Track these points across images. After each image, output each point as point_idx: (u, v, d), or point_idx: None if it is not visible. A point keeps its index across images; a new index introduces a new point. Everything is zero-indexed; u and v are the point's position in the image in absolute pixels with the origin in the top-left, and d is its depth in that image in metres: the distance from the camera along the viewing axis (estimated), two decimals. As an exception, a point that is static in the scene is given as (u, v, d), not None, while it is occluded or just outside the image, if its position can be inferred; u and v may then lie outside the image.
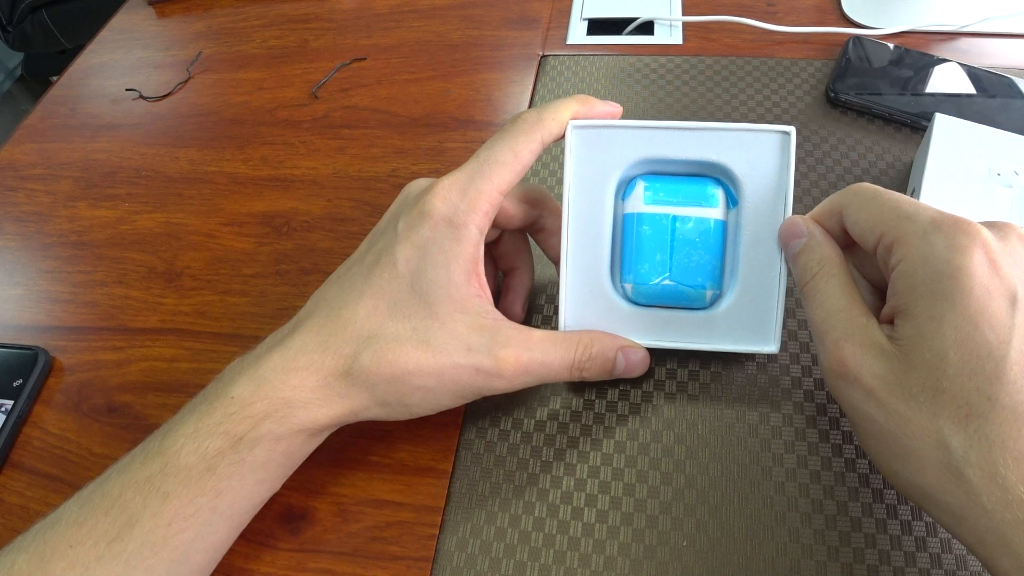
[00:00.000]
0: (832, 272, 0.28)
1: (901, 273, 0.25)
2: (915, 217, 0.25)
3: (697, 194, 0.33)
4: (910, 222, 0.25)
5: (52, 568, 0.26)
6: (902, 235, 0.25)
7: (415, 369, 0.29)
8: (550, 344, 0.31)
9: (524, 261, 0.37)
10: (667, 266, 0.33)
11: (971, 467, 0.23)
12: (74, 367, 0.40)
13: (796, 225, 0.30)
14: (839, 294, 0.27)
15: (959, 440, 0.23)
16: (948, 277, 0.23)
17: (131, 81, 0.58)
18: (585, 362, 0.31)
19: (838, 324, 0.27)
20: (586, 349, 0.31)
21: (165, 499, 0.27)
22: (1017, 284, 0.23)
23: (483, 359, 0.29)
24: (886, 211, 0.26)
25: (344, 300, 0.30)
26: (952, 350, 0.23)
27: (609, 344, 0.32)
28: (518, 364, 0.30)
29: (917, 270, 0.24)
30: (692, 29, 0.54)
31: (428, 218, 0.30)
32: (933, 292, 0.24)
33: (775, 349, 0.32)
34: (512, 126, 0.31)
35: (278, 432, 0.28)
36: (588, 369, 0.32)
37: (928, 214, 0.25)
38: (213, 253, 0.45)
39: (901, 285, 0.25)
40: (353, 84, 0.54)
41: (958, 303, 0.23)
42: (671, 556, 0.30)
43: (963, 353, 0.23)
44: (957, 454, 0.23)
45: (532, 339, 0.30)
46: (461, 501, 0.33)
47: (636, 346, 0.33)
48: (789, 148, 0.31)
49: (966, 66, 0.46)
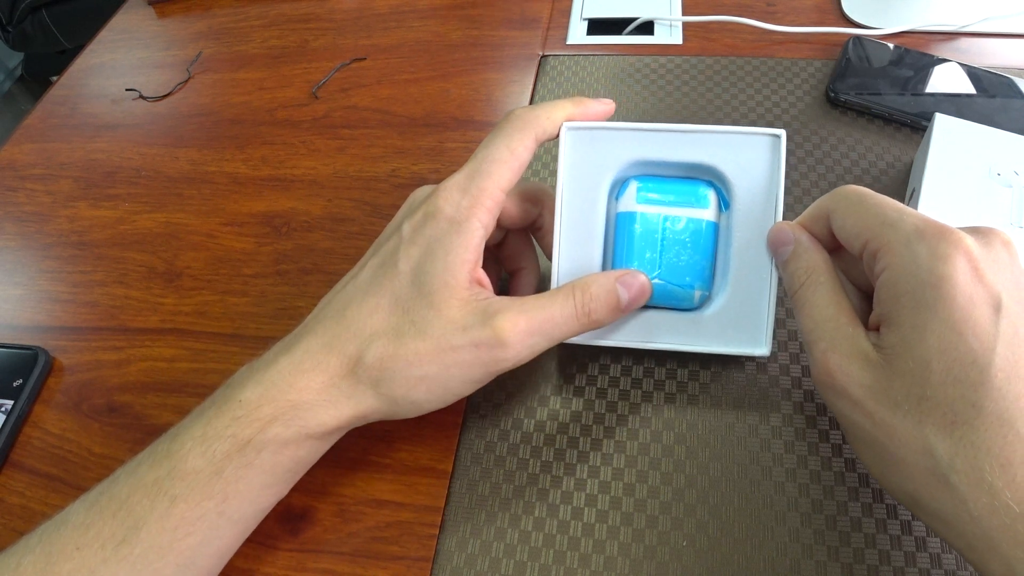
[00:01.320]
0: (819, 280, 0.28)
1: (885, 282, 0.25)
2: (898, 225, 0.25)
3: (689, 195, 0.33)
4: (893, 230, 0.25)
5: (58, 570, 0.26)
6: (886, 243, 0.25)
7: (414, 359, 0.29)
8: (546, 300, 0.30)
9: (529, 261, 0.37)
10: (657, 265, 0.33)
11: (957, 474, 0.23)
12: (74, 367, 0.40)
13: (783, 232, 0.30)
14: (826, 303, 0.27)
15: (945, 447, 0.23)
16: (931, 286, 0.23)
17: (131, 81, 0.58)
18: (589, 303, 0.30)
19: (825, 334, 0.27)
20: (584, 291, 0.30)
21: (172, 503, 0.27)
22: (1001, 291, 0.23)
23: (479, 332, 0.28)
24: (871, 217, 0.26)
25: (348, 302, 0.30)
26: (936, 358, 0.23)
27: (605, 280, 0.31)
28: (517, 328, 0.29)
29: (900, 279, 0.24)
30: (692, 29, 0.54)
31: (432, 219, 0.30)
32: (916, 301, 0.24)
33: (766, 352, 0.32)
34: (506, 123, 0.31)
35: (285, 436, 0.28)
36: (595, 311, 0.30)
37: (911, 222, 0.25)
38: (213, 253, 0.45)
39: (885, 294, 0.25)
40: (353, 84, 0.54)
41: (941, 312, 0.23)
42: (671, 556, 0.30)
43: (947, 361, 0.23)
44: (943, 461, 0.23)
45: (526, 302, 0.30)
46: (461, 501, 0.33)
47: (632, 272, 0.32)
48: (779, 151, 0.32)
49: (966, 66, 0.46)
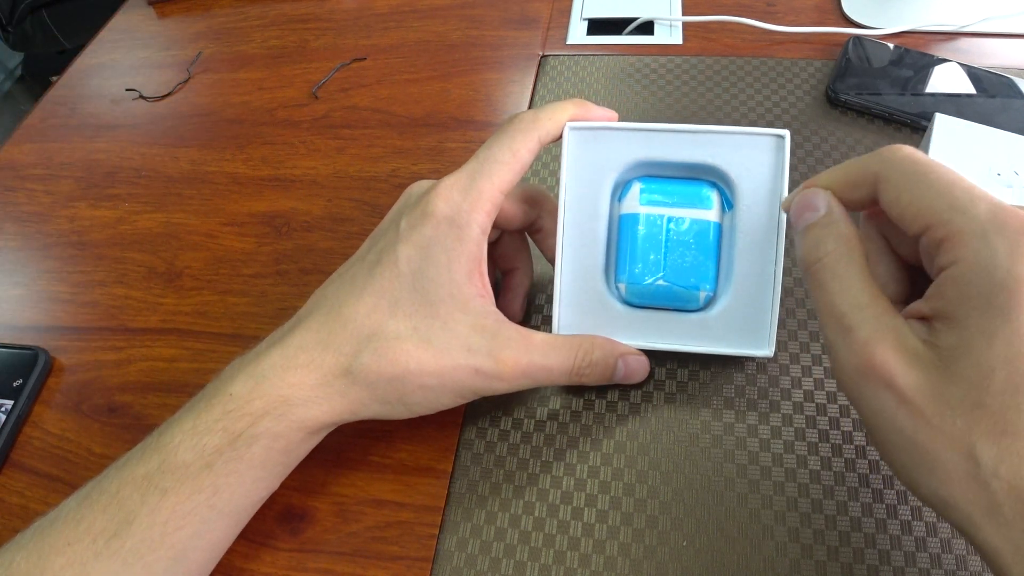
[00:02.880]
0: (852, 258, 0.25)
1: (953, 278, 0.23)
2: (971, 212, 0.22)
3: (692, 196, 0.33)
4: (966, 218, 0.22)
5: (50, 566, 0.26)
6: (956, 233, 0.22)
7: (416, 368, 0.29)
8: (551, 348, 0.31)
9: (523, 261, 0.37)
10: (661, 266, 0.33)
11: (998, 480, 0.22)
12: (74, 367, 0.40)
13: (813, 197, 0.27)
14: (860, 286, 0.25)
15: (991, 454, 0.22)
16: (1008, 290, 0.21)
17: (131, 81, 0.58)
18: (585, 368, 0.31)
19: (865, 322, 0.24)
20: (587, 355, 0.31)
21: (163, 496, 0.27)
22: None
23: (483, 360, 0.29)
24: (936, 198, 0.23)
25: (344, 298, 0.30)
26: (1001, 367, 0.22)
27: (610, 351, 0.32)
28: (517, 367, 0.30)
29: (973, 278, 0.22)
30: (692, 29, 0.54)
31: (431, 217, 0.30)
32: (989, 304, 0.22)
33: (769, 353, 0.32)
34: (509, 126, 0.31)
35: (276, 430, 0.28)
36: (588, 375, 0.32)
37: (986, 208, 0.22)
38: (213, 253, 0.45)
39: (951, 292, 0.23)
40: (353, 84, 0.54)
41: (1014, 319, 0.21)
42: (671, 556, 0.30)
43: (1011, 371, 0.21)
44: (987, 468, 0.22)
45: (533, 342, 0.30)
46: (461, 501, 0.33)
47: (636, 353, 0.33)
48: (783, 151, 0.32)
49: (966, 66, 0.46)
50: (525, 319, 0.38)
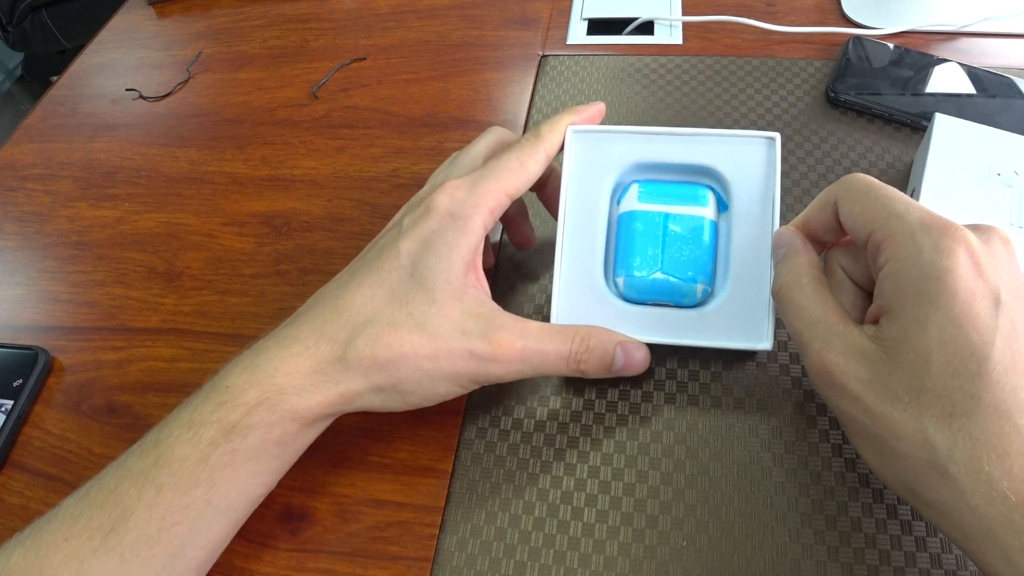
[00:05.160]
0: (801, 283, 0.29)
1: (888, 273, 0.25)
2: (904, 217, 0.25)
3: (689, 195, 0.34)
4: (899, 222, 0.25)
5: (48, 562, 0.26)
6: (891, 234, 0.25)
7: (410, 352, 0.29)
8: (547, 334, 0.31)
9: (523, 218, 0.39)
10: (659, 260, 0.33)
11: (956, 465, 0.23)
12: (74, 367, 0.40)
13: (780, 236, 0.31)
14: (812, 304, 0.28)
15: (944, 439, 0.23)
16: (933, 279, 0.24)
17: (131, 81, 0.58)
18: (582, 354, 0.31)
19: (817, 334, 0.27)
20: (584, 341, 0.31)
21: (159, 491, 0.27)
22: (1000, 286, 0.24)
23: (478, 343, 0.29)
24: (878, 208, 0.26)
25: (343, 290, 0.30)
26: (936, 350, 0.24)
27: (608, 339, 0.32)
28: (512, 349, 0.30)
29: (903, 271, 0.25)
30: (692, 29, 0.54)
31: (433, 212, 0.30)
32: (919, 293, 0.24)
33: (768, 346, 0.32)
34: (516, 143, 0.33)
35: (270, 419, 0.28)
36: (585, 362, 0.31)
37: (917, 215, 0.25)
38: (213, 253, 0.45)
39: (887, 285, 0.25)
40: (353, 84, 0.54)
41: (943, 304, 0.24)
42: (671, 556, 0.30)
43: (947, 353, 0.23)
44: (942, 452, 0.23)
45: (528, 327, 0.30)
46: (461, 501, 0.33)
47: (636, 343, 0.32)
48: (775, 153, 0.33)
49: (966, 66, 0.46)
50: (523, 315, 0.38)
